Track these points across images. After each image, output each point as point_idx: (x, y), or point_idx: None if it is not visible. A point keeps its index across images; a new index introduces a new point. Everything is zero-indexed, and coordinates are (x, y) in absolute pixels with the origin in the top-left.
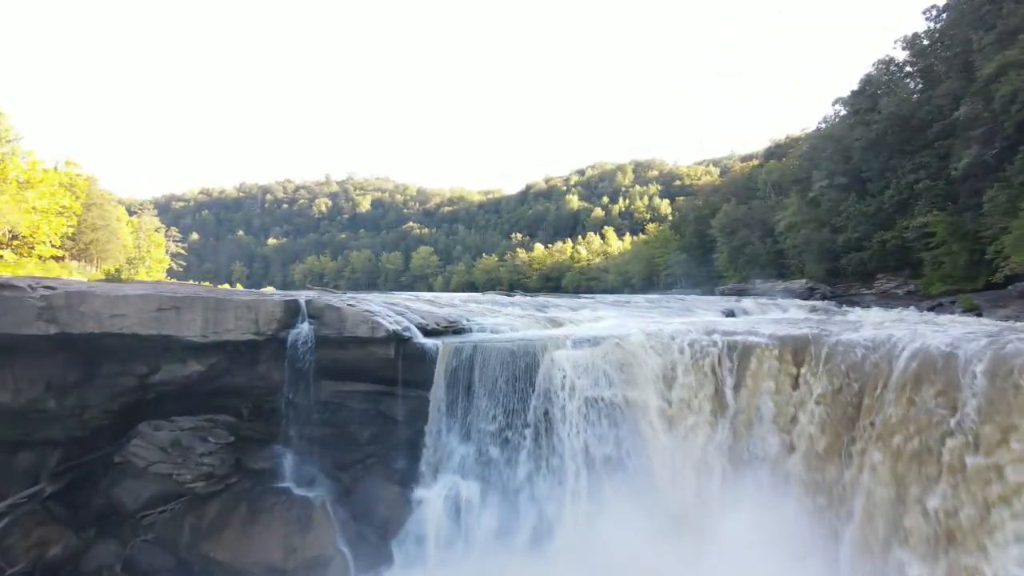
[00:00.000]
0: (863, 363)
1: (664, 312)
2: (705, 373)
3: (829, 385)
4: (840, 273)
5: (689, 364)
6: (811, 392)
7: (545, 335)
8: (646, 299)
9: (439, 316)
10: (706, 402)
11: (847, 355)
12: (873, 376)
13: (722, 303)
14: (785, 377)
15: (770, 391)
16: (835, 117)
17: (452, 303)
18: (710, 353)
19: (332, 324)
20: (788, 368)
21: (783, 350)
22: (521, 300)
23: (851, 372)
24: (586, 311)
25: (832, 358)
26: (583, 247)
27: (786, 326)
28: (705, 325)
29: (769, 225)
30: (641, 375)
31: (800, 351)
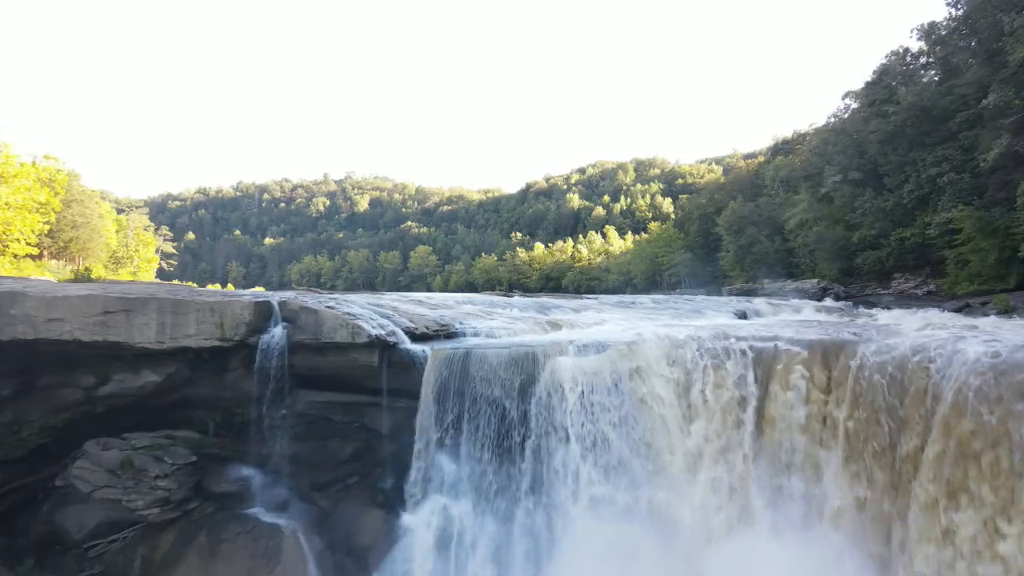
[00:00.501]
0: (911, 376)
1: (673, 314)
2: (726, 384)
3: (868, 403)
4: (854, 272)
5: (708, 373)
6: (844, 412)
7: (546, 340)
8: (652, 300)
9: (430, 319)
10: (728, 417)
11: (893, 365)
12: (930, 393)
13: (732, 304)
14: (817, 393)
15: (800, 403)
16: (845, 111)
17: (446, 304)
18: (731, 359)
19: (308, 328)
20: (819, 378)
21: (812, 357)
22: (520, 301)
23: (898, 386)
24: (590, 313)
25: (873, 368)
26: (584, 246)
27: (814, 329)
28: (720, 328)
29: (778, 223)
30: (653, 386)
31: (833, 358)
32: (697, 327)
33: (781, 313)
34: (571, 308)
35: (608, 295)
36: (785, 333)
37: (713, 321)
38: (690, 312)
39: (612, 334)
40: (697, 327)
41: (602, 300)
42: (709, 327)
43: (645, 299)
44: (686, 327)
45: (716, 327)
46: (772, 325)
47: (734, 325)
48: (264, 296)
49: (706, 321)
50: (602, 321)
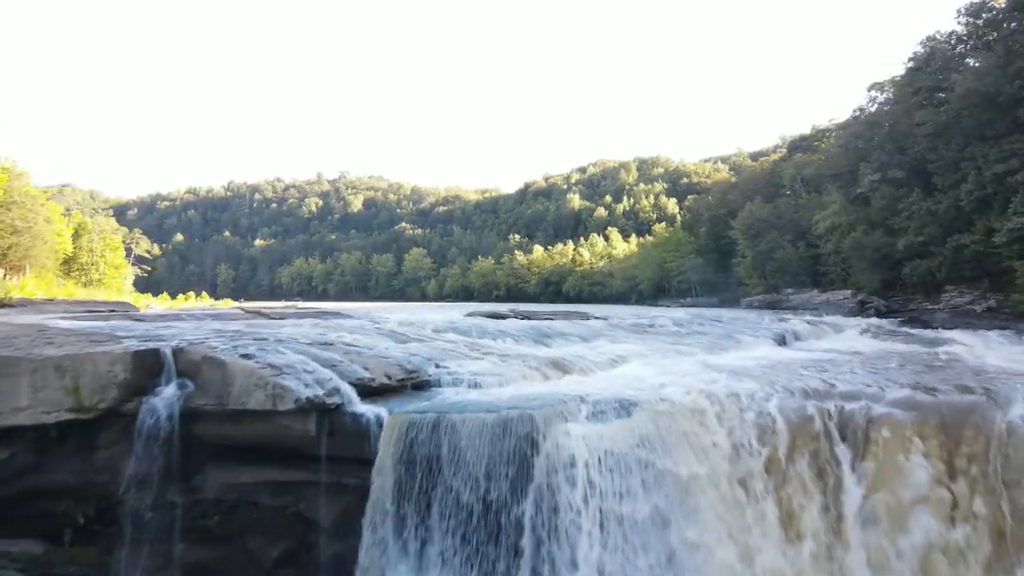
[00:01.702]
0: None
1: (703, 342)
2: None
3: None
4: (895, 284)
5: (780, 452)
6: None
7: (547, 393)
8: (673, 321)
9: (393, 362)
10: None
11: None
12: None
13: (765, 323)
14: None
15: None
16: (871, 103)
17: (422, 334)
18: (809, 433)
19: (212, 388)
20: (939, 460)
21: (926, 427)
22: (515, 327)
23: None
24: (601, 343)
25: None
26: (586, 250)
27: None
28: (768, 364)
29: (801, 227)
30: (700, 470)
31: (958, 428)
32: (742, 367)
33: (826, 337)
34: (578, 336)
35: (613, 304)
36: (857, 378)
37: (754, 352)
38: (721, 338)
39: (635, 382)
40: (742, 367)
41: (613, 321)
42: (758, 367)
43: (664, 318)
44: (729, 369)
45: (766, 366)
46: (834, 363)
47: (787, 363)
48: (153, 341)
49: (745, 353)
50: (618, 358)
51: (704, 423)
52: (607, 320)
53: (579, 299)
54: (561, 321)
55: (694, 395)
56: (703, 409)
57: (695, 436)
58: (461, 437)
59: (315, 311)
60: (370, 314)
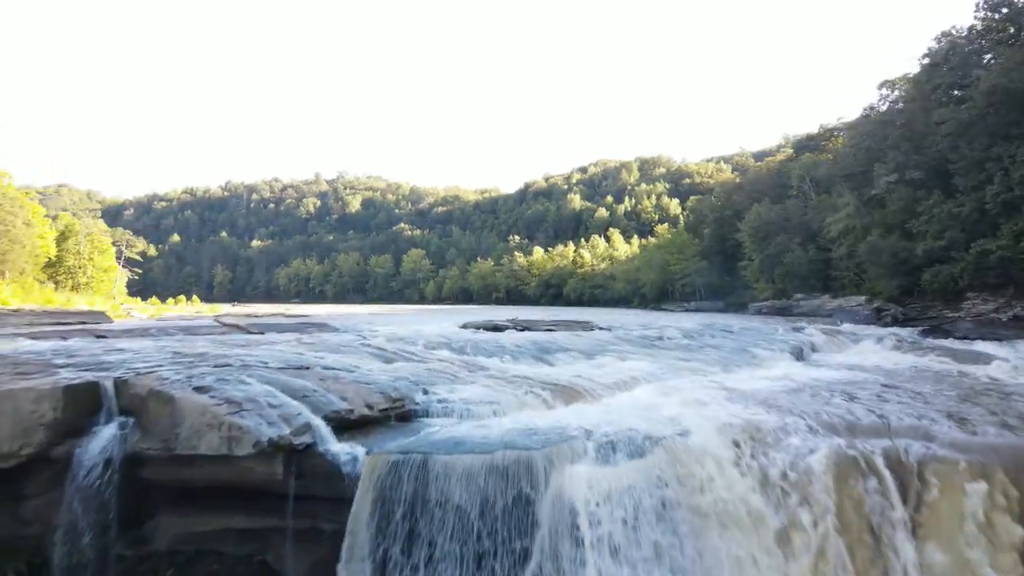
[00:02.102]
0: None
1: (717, 358)
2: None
3: None
4: (914, 290)
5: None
6: None
7: (550, 427)
8: (683, 334)
9: (377, 389)
10: None
11: None
12: None
13: (779, 334)
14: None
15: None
16: (882, 102)
17: (411, 352)
18: (854, 478)
19: (158, 429)
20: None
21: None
22: (513, 341)
23: None
24: (607, 359)
25: None
26: (587, 251)
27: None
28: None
29: (811, 229)
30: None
31: None
32: (765, 391)
33: (845, 349)
34: (581, 351)
35: (615, 308)
36: (897, 407)
37: (773, 370)
38: (736, 352)
39: (647, 412)
40: (765, 391)
41: (618, 332)
42: (782, 391)
43: (672, 328)
44: (751, 394)
45: (790, 389)
46: (863, 385)
47: (812, 385)
48: (95, 371)
49: (764, 371)
50: (627, 380)
51: (731, 468)
52: (612, 331)
53: (580, 302)
54: (563, 333)
55: (717, 432)
56: (730, 454)
57: (721, 484)
58: (450, 484)
59: (300, 322)
60: (358, 326)
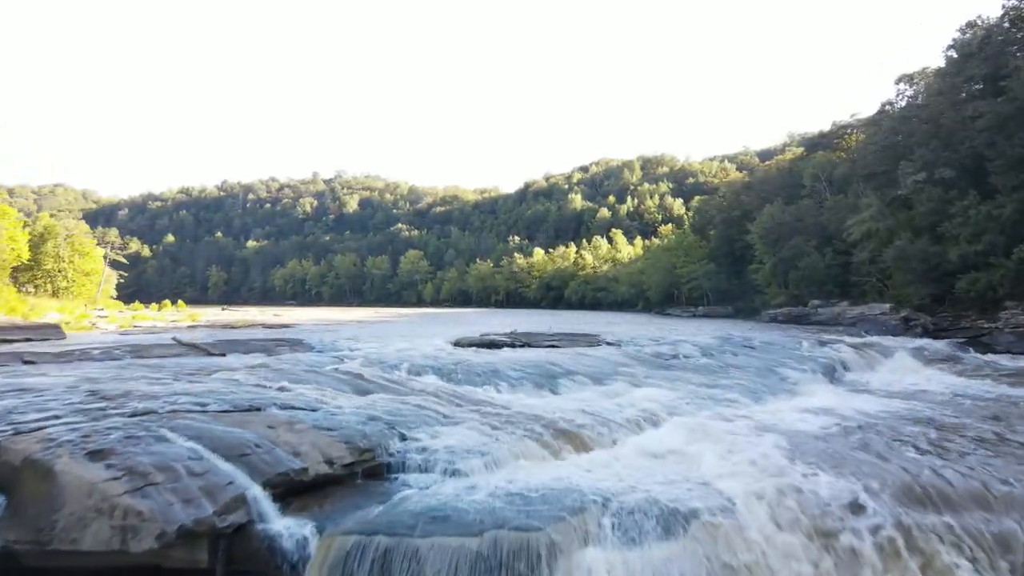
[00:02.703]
0: None
1: (741, 381)
2: None
3: None
4: (945, 298)
5: None
6: None
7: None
8: (699, 348)
9: (341, 436)
10: None
11: None
12: None
13: (804, 349)
14: None
15: None
16: (900, 97)
17: (391, 378)
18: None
19: (32, 515)
20: None
21: None
22: (511, 364)
23: None
24: (619, 385)
25: None
26: (588, 252)
27: None
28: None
29: (827, 231)
30: None
31: None
32: (811, 434)
33: (879, 366)
34: (589, 375)
35: (618, 312)
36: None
37: (810, 399)
38: (763, 374)
39: (675, 466)
40: (811, 434)
41: (629, 349)
42: (831, 432)
43: (688, 344)
44: (794, 437)
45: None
46: (918, 418)
47: (861, 421)
48: None
49: (801, 402)
50: (646, 416)
51: (795, 553)
52: (621, 348)
53: (581, 305)
54: (567, 351)
55: (768, 506)
56: (793, 540)
57: None
58: (424, 568)
59: (273, 338)
60: (339, 342)
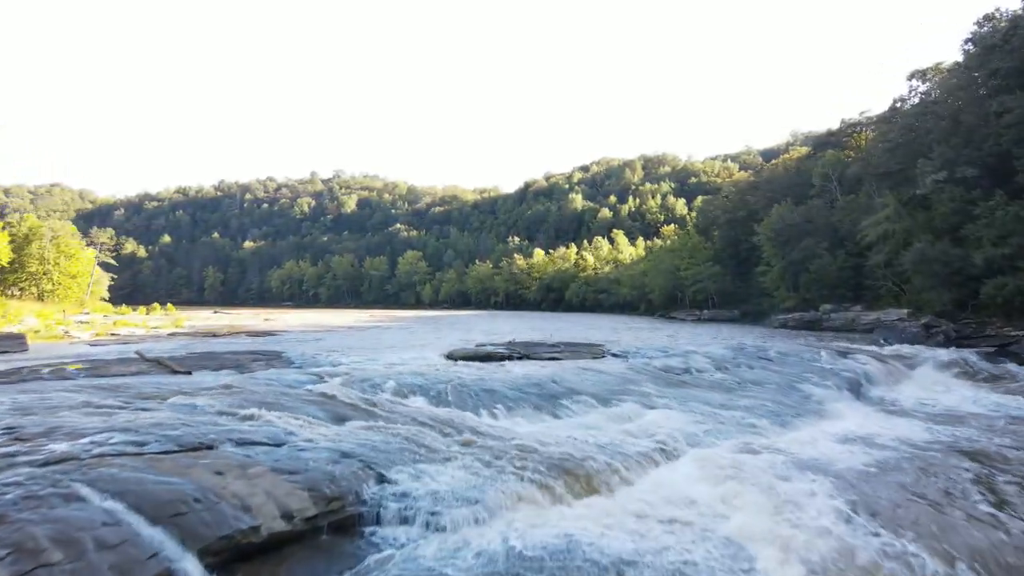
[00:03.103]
0: None
1: (761, 400)
2: None
3: None
4: (968, 304)
5: None
6: None
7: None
8: (711, 360)
9: (305, 482)
10: None
11: None
12: None
13: (825, 360)
14: None
15: None
16: (913, 94)
17: (373, 401)
18: None
19: None
20: None
21: None
22: (508, 382)
23: None
24: (628, 405)
25: None
26: (590, 253)
27: None
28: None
29: (839, 233)
30: None
31: None
32: (856, 473)
33: (906, 381)
34: (595, 394)
35: (620, 315)
36: None
37: (841, 422)
38: (784, 391)
39: (700, 518)
40: (856, 473)
41: (636, 361)
42: (874, 469)
43: (699, 355)
44: (837, 478)
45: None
46: (974, 449)
47: (908, 452)
48: None
49: (832, 426)
50: (660, 446)
51: None
52: (628, 360)
53: (582, 307)
54: (570, 364)
55: None
56: None
57: None
58: None
59: (251, 350)
60: (321, 354)
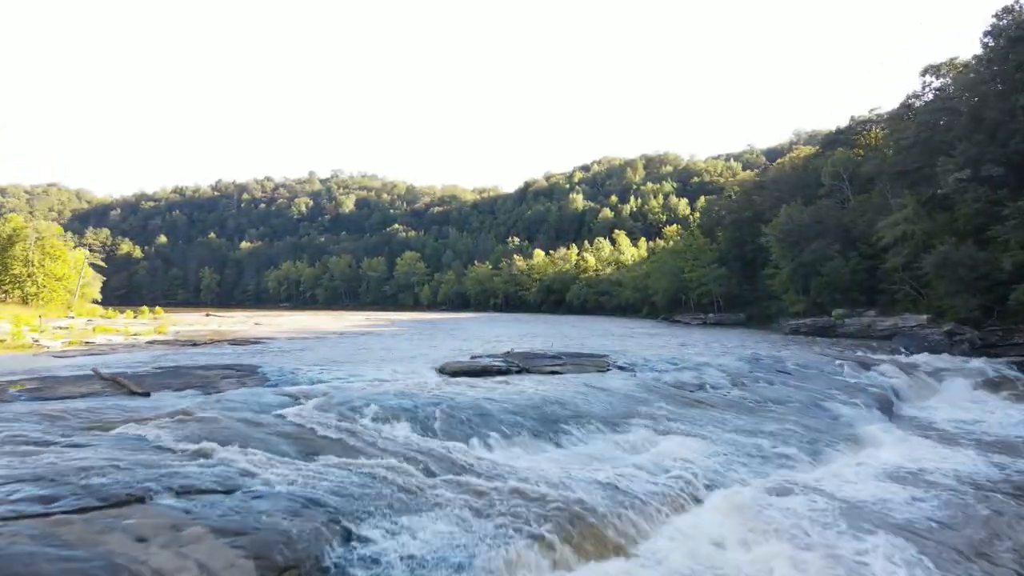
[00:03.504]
0: None
1: (786, 425)
2: None
3: None
4: (994, 311)
5: None
6: None
7: None
8: (726, 374)
9: (251, 547)
10: None
11: None
12: None
13: (848, 373)
14: None
15: None
16: (927, 90)
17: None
18: None
19: None
20: None
21: None
22: (505, 401)
23: None
24: (639, 432)
25: None
26: (591, 254)
27: None
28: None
29: (852, 234)
30: None
31: None
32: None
33: (935, 398)
34: (601, 419)
35: (622, 317)
36: None
37: (882, 452)
38: (810, 411)
39: None
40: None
41: (645, 377)
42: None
43: (712, 369)
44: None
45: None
46: None
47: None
48: None
49: (874, 459)
50: (679, 485)
51: None
52: (636, 374)
53: (583, 310)
54: (572, 379)
55: None
56: None
57: None
58: None
59: (224, 364)
60: (302, 368)
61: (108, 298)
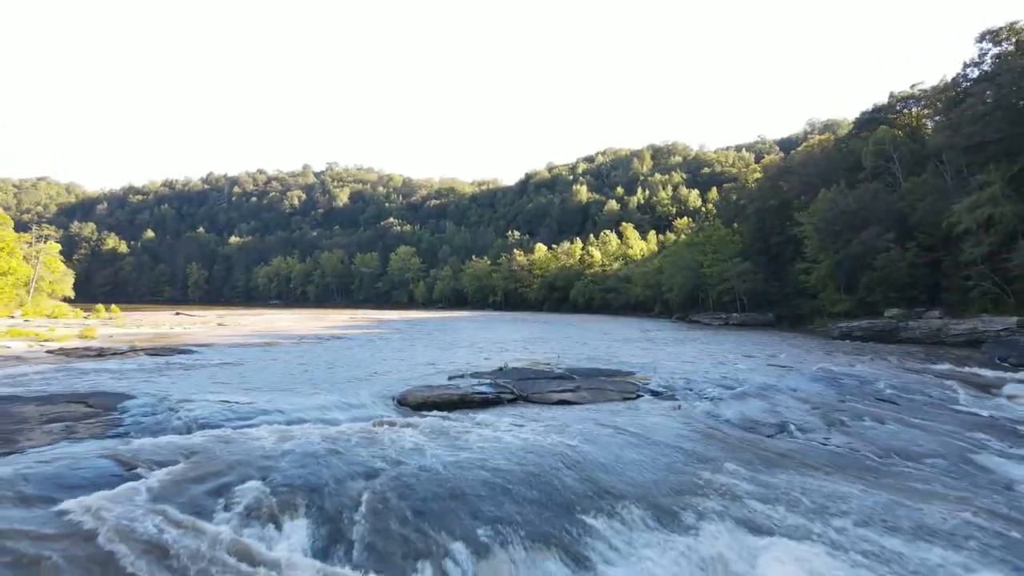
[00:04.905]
0: None
1: (942, 500)
2: None
3: None
4: None
5: None
6: None
7: None
8: (808, 405)
9: None
10: None
11: None
12: None
13: (964, 398)
14: None
15: None
16: (983, 58)
17: (194, 545)
18: None
19: None
20: None
21: None
22: (489, 462)
23: None
24: (715, 534)
25: None
26: (596, 248)
27: None
28: None
29: (910, 221)
30: None
31: None
32: None
33: None
34: (646, 504)
35: (631, 317)
36: None
37: None
38: (963, 472)
39: None
40: None
41: (689, 400)
42: None
43: (787, 397)
44: None
45: None
46: None
47: None
48: None
49: None
50: None
51: None
52: (679, 404)
53: (589, 308)
54: (590, 413)
55: None
56: None
57: None
58: None
59: (85, 393)
60: (186, 404)
61: (93, 295)
